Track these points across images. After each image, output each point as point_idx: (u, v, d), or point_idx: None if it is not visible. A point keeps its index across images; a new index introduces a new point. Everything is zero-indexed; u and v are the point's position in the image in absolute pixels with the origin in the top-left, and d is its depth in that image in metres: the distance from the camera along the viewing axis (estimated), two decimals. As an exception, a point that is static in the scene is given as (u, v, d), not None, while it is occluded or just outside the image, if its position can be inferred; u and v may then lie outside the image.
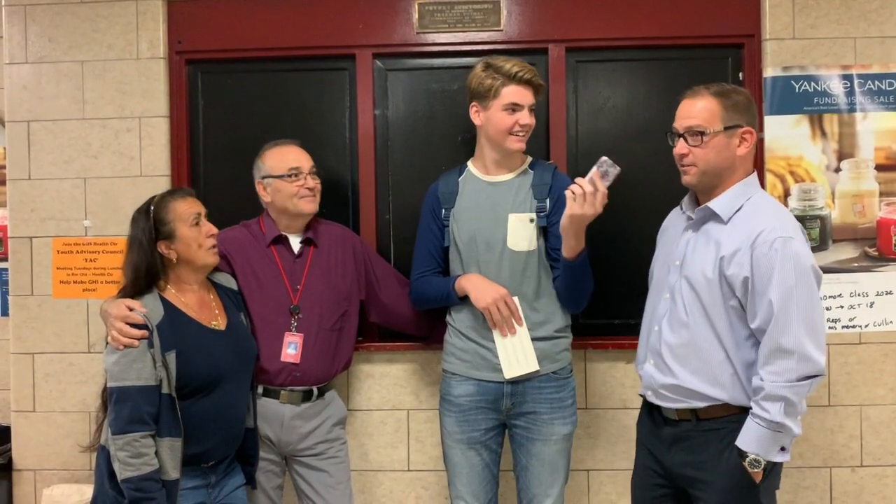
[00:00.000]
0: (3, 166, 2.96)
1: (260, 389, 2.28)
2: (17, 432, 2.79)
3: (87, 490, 2.56)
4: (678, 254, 2.00)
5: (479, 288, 2.20)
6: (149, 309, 1.97)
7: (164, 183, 2.72)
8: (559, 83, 2.70)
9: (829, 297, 2.64)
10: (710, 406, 1.91)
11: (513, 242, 2.23)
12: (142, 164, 2.75)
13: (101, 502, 2.00)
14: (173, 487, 1.94)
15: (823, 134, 2.65)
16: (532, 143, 2.36)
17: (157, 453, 1.92)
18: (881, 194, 2.65)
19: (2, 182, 2.95)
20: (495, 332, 2.21)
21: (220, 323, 2.12)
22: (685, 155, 1.94)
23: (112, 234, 2.73)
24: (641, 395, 2.15)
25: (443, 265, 2.37)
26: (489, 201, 2.27)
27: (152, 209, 2.04)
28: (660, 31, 2.68)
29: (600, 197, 2.01)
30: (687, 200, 2.08)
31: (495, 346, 2.22)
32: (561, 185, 2.27)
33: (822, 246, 2.65)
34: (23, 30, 2.77)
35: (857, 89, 2.64)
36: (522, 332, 2.21)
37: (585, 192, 1.99)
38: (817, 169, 2.65)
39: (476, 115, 2.28)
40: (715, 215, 1.93)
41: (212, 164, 2.81)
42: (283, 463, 2.38)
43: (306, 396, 2.31)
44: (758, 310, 1.82)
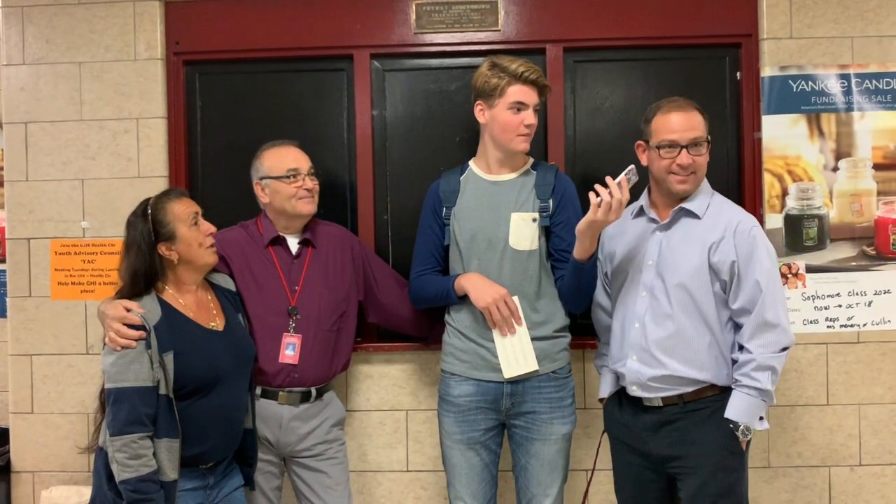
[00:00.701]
0: (0, 168, 2.96)
1: (258, 391, 2.27)
2: (15, 434, 2.79)
3: (85, 492, 2.56)
4: (650, 254, 2.13)
5: (479, 287, 2.20)
6: (146, 310, 1.97)
7: (162, 184, 2.71)
8: (557, 83, 2.70)
9: (828, 296, 2.65)
10: (697, 389, 2.06)
11: (515, 241, 2.22)
12: (140, 166, 2.74)
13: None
14: (171, 489, 1.94)
15: (821, 133, 2.65)
16: (530, 143, 2.36)
17: (155, 454, 1.91)
18: (879, 193, 2.65)
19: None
20: (495, 332, 2.21)
21: (218, 324, 2.12)
22: (690, 165, 2.07)
23: (110, 236, 2.73)
24: (604, 397, 2.26)
25: (443, 264, 2.37)
26: (491, 200, 2.27)
27: (150, 211, 2.03)
28: (657, 31, 2.69)
29: (624, 203, 2.04)
30: (647, 205, 2.19)
31: (495, 345, 2.22)
32: (563, 185, 2.29)
33: (819, 245, 2.65)
34: (20, 31, 2.76)
35: (854, 88, 2.64)
36: (522, 331, 2.21)
37: (613, 199, 2.01)
38: (815, 168, 2.65)
39: (481, 114, 2.27)
40: (690, 213, 2.10)
41: (210, 165, 2.81)
42: (282, 464, 2.38)
43: (305, 397, 2.31)
44: (742, 291, 2.03)
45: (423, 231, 2.38)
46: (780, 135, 2.64)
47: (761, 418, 2.03)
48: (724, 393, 2.05)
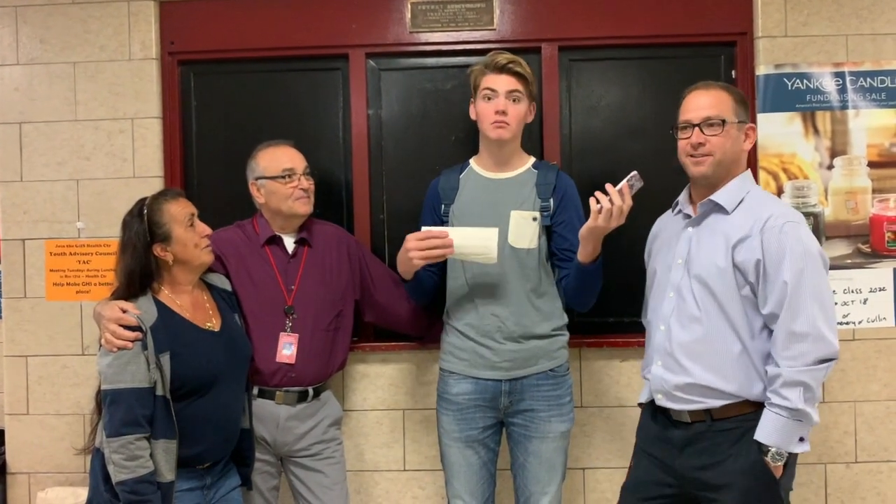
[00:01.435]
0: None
1: (255, 390, 2.27)
2: (10, 435, 2.78)
3: (81, 493, 2.56)
4: (680, 252, 2.00)
5: (399, 260, 2.25)
6: (142, 311, 1.96)
7: (157, 184, 2.71)
8: (552, 82, 2.70)
9: (823, 293, 2.65)
10: (726, 405, 1.88)
11: (514, 239, 2.21)
12: (135, 166, 2.74)
13: (96, 505, 2.00)
14: (168, 489, 1.93)
15: (816, 131, 2.65)
16: (525, 142, 2.36)
17: (152, 455, 1.91)
18: (874, 191, 2.66)
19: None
20: (463, 234, 2.15)
21: (214, 324, 2.11)
22: (702, 144, 1.92)
23: (105, 236, 2.72)
24: (643, 402, 2.12)
25: (441, 261, 2.37)
26: (491, 198, 2.27)
27: (146, 212, 2.03)
28: (652, 30, 2.69)
29: (626, 210, 1.99)
30: (683, 200, 2.08)
31: (491, 339, 2.20)
32: (565, 185, 2.28)
33: (815, 243, 2.66)
34: (14, 31, 2.75)
35: (849, 87, 2.64)
36: (454, 231, 2.14)
37: (614, 206, 1.96)
38: (810, 166, 2.66)
39: (472, 111, 2.32)
40: (719, 207, 1.94)
41: (205, 165, 2.80)
42: (279, 464, 2.37)
43: (302, 397, 2.31)
44: (769, 293, 1.82)
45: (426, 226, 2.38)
46: (776, 133, 2.65)
47: (801, 440, 1.80)
48: (759, 410, 1.83)
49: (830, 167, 2.66)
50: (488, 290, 2.24)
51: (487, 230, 2.14)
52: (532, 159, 2.35)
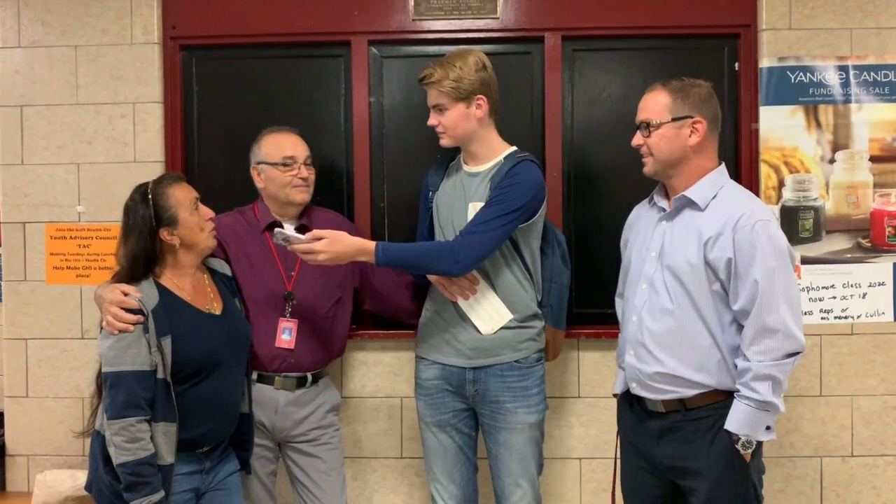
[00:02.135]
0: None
1: (255, 375, 2.28)
2: (9, 418, 2.79)
3: (80, 475, 2.57)
4: (654, 245, 2.03)
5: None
6: (144, 294, 1.97)
7: (158, 169, 2.70)
8: (555, 72, 2.69)
9: (822, 287, 2.66)
10: (699, 394, 1.93)
11: None
12: (136, 150, 2.73)
13: (96, 487, 2.00)
14: (168, 472, 1.94)
15: (818, 125, 2.65)
16: (527, 133, 2.36)
17: (152, 438, 1.92)
18: (875, 185, 2.66)
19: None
20: (460, 301, 2.21)
21: (215, 307, 2.12)
22: (640, 145, 2.03)
23: (106, 220, 2.72)
24: (617, 393, 2.17)
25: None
26: (461, 190, 2.28)
27: (151, 196, 2.02)
28: (656, 21, 2.68)
29: (315, 258, 2.06)
30: (657, 194, 2.11)
31: (459, 325, 2.22)
32: (510, 172, 2.18)
33: (815, 237, 2.66)
34: (16, 14, 2.74)
35: (852, 80, 2.64)
36: (483, 288, 2.20)
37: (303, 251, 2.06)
38: (812, 160, 2.65)
39: None
40: (692, 203, 1.97)
41: (206, 150, 2.80)
42: (277, 449, 2.38)
43: (300, 383, 2.32)
44: (741, 291, 1.87)
45: (420, 214, 2.42)
46: (778, 126, 2.65)
47: (768, 428, 1.88)
48: (728, 400, 1.90)
49: (832, 161, 2.65)
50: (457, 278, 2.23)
51: (504, 308, 2.20)
52: (508, 151, 2.27)
